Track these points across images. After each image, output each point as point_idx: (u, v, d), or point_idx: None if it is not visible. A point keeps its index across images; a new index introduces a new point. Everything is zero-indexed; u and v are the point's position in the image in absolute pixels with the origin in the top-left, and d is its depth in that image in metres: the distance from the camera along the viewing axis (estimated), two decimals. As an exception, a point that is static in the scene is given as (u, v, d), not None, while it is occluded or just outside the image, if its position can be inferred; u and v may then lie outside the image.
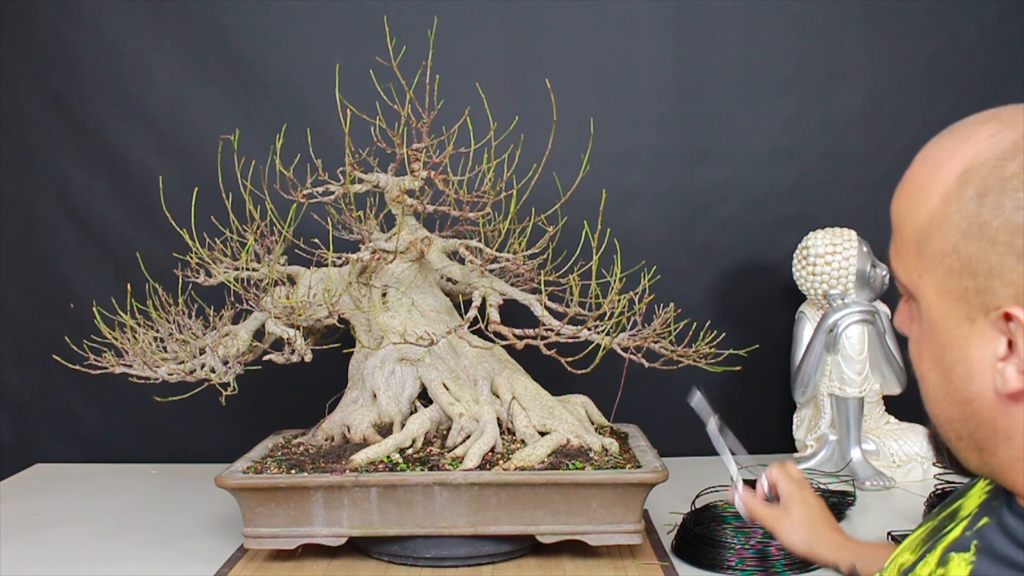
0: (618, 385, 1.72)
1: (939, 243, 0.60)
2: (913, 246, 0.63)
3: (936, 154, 0.63)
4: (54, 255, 2.27)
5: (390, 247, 1.66)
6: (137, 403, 2.05)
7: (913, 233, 0.63)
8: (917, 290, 0.63)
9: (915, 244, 0.63)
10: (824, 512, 1.13)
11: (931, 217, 0.61)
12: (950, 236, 0.60)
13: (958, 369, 0.61)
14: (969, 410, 0.61)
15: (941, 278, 0.61)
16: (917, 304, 0.65)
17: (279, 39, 2.21)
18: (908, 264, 0.64)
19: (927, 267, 0.62)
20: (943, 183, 0.61)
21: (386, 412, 1.62)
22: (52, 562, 1.59)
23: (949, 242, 0.60)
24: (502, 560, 1.53)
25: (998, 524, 0.62)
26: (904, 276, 0.64)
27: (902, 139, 2.24)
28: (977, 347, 0.59)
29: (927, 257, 0.62)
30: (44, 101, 2.24)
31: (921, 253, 0.62)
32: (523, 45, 2.22)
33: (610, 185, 1.75)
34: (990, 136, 0.59)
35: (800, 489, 1.14)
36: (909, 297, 0.66)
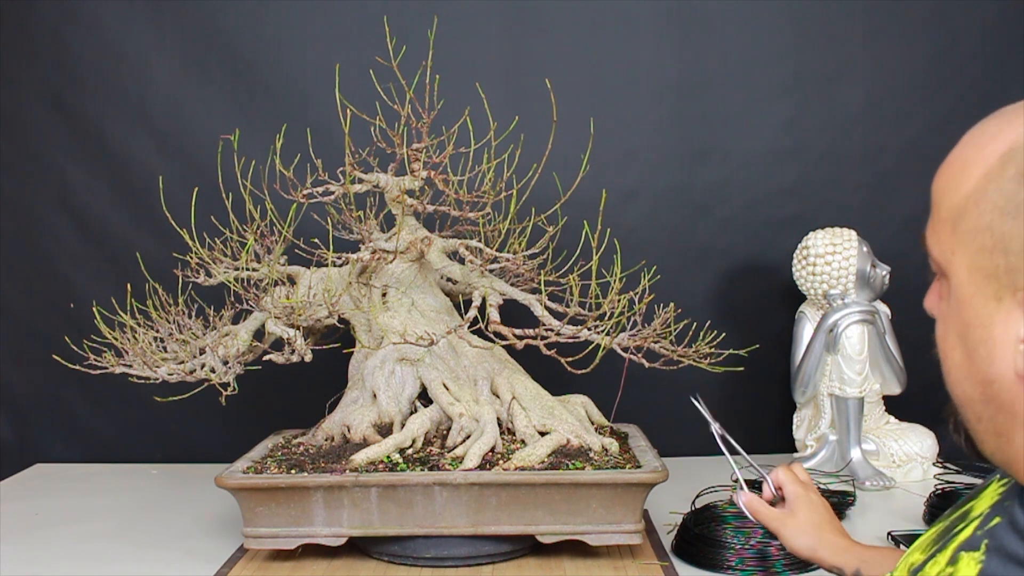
0: (618, 385, 1.72)
1: (975, 220, 0.61)
2: (949, 223, 0.63)
3: (980, 135, 0.63)
4: (54, 255, 2.27)
5: (390, 247, 1.66)
6: (137, 403, 2.05)
7: (951, 210, 0.63)
8: (949, 267, 0.63)
9: (951, 221, 0.63)
10: (829, 515, 1.12)
11: (970, 194, 0.61)
12: (986, 213, 0.60)
13: (981, 349, 0.61)
14: (990, 391, 0.61)
15: (973, 255, 0.61)
16: (948, 282, 0.65)
17: (279, 39, 2.21)
18: (943, 241, 0.64)
19: (961, 243, 0.62)
20: (985, 162, 0.61)
21: (386, 412, 1.62)
22: (52, 562, 1.59)
23: (985, 219, 0.60)
24: (502, 560, 1.52)
25: (1010, 523, 0.62)
26: (938, 253, 0.64)
27: (902, 139, 2.24)
28: (1002, 327, 0.59)
29: (962, 233, 0.62)
30: (44, 101, 2.24)
31: (956, 230, 0.62)
32: (523, 45, 2.23)
33: (610, 185, 1.75)
34: None
35: (806, 492, 1.14)
36: (941, 275, 0.66)
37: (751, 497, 1.16)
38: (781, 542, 1.12)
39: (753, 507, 1.15)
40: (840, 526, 1.12)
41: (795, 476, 1.16)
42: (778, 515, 1.12)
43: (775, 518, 1.12)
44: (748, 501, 1.15)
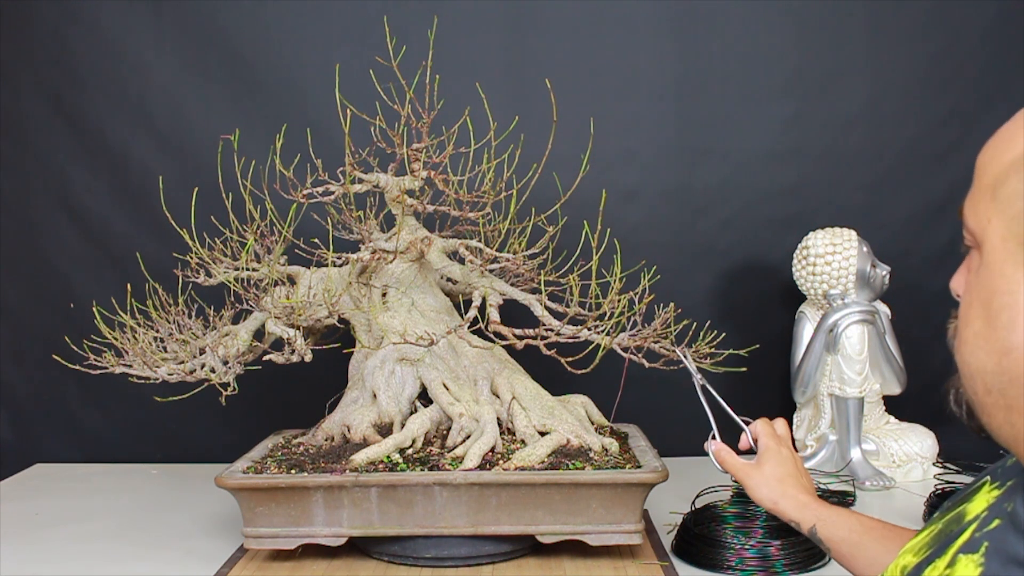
0: (618, 385, 1.72)
1: (1014, 185, 0.61)
2: (990, 190, 0.64)
3: None
4: (54, 255, 2.27)
5: (390, 247, 1.66)
6: (137, 403, 2.05)
7: (992, 177, 0.64)
8: (984, 234, 0.64)
9: (992, 188, 0.63)
10: (796, 471, 1.15)
11: (1012, 161, 0.62)
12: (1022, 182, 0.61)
13: (1004, 315, 0.61)
14: (1006, 362, 0.61)
15: (1009, 221, 0.62)
16: (979, 254, 0.65)
17: (279, 39, 2.21)
18: (980, 209, 0.64)
19: (998, 209, 0.63)
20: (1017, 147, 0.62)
21: (386, 412, 1.62)
22: (52, 562, 1.59)
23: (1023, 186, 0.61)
24: (502, 560, 1.52)
25: (1011, 524, 0.62)
26: (974, 222, 0.65)
27: (902, 139, 2.24)
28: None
29: (1000, 199, 0.63)
30: (44, 101, 2.24)
31: (996, 196, 0.63)
32: (523, 45, 2.23)
33: (610, 185, 1.75)
34: None
35: (778, 446, 1.17)
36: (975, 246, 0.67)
37: (720, 447, 1.21)
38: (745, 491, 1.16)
39: (721, 456, 1.20)
40: (805, 483, 1.15)
41: (771, 430, 1.20)
42: (744, 465, 1.16)
43: (740, 468, 1.17)
44: (717, 450, 1.20)
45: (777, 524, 1.55)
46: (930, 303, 2.24)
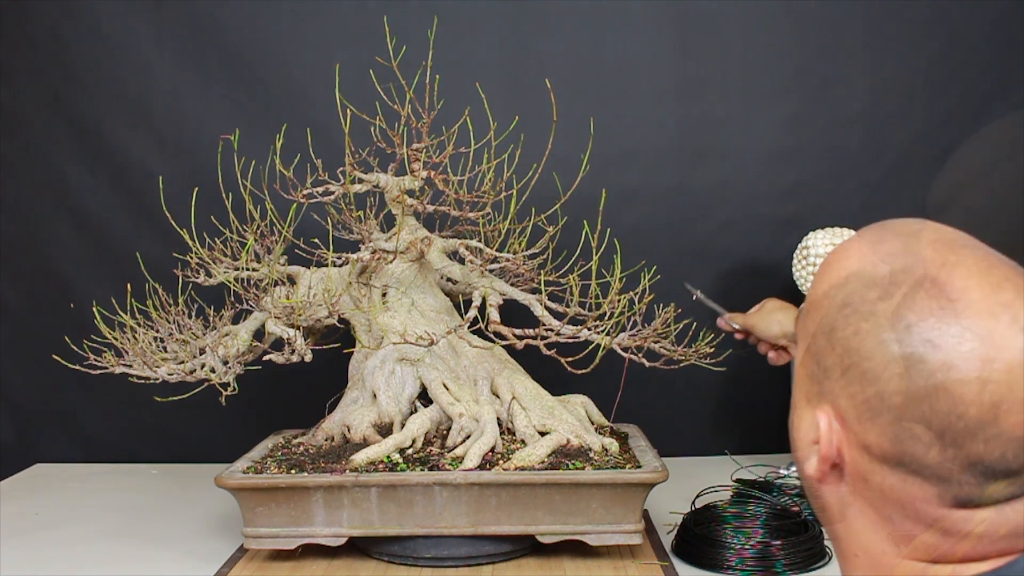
0: (618, 385, 1.72)
1: (811, 323, 0.66)
2: (805, 309, 0.68)
3: (850, 246, 0.67)
4: (54, 255, 2.27)
5: (390, 247, 1.66)
6: (137, 403, 2.05)
7: (809, 299, 0.68)
8: (798, 349, 0.69)
9: (806, 309, 0.68)
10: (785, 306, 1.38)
11: (817, 297, 0.66)
12: (815, 322, 0.65)
13: (795, 433, 0.68)
14: (802, 472, 0.67)
15: (805, 352, 0.67)
16: None
17: (279, 39, 2.21)
18: (799, 318, 0.70)
19: (802, 336, 0.68)
20: (835, 275, 0.65)
21: (386, 412, 1.62)
22: (52, 562, 1.59)
23: (815, 325, 0.65)
24: (502, 560, 1.52)
25: None
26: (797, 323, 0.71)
27: (902, 139, 2.24)
28: (806, 425, 0.65)
29: (805, 326, 0.67)
30: (44, 101, 2.24)
31: (805, 319, 0.68)
32: (523, 45, 2.22)
33: (610, 185, 1.75)
34: (886, 253, 0.63)
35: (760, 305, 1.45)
36: None
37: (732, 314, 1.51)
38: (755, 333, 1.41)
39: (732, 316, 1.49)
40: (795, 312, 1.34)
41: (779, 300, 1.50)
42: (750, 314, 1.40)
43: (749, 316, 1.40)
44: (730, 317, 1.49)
45: (777, 524, 1.55)
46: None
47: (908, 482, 0.59)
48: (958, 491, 0.58)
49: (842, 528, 0.65)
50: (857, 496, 0.63)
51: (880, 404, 0.59)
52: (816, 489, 0.66)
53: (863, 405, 0.60)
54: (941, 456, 0.57)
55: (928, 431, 0.57)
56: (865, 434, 0.60)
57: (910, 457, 0.58)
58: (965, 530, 0.59)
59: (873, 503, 0.62)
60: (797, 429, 0.67)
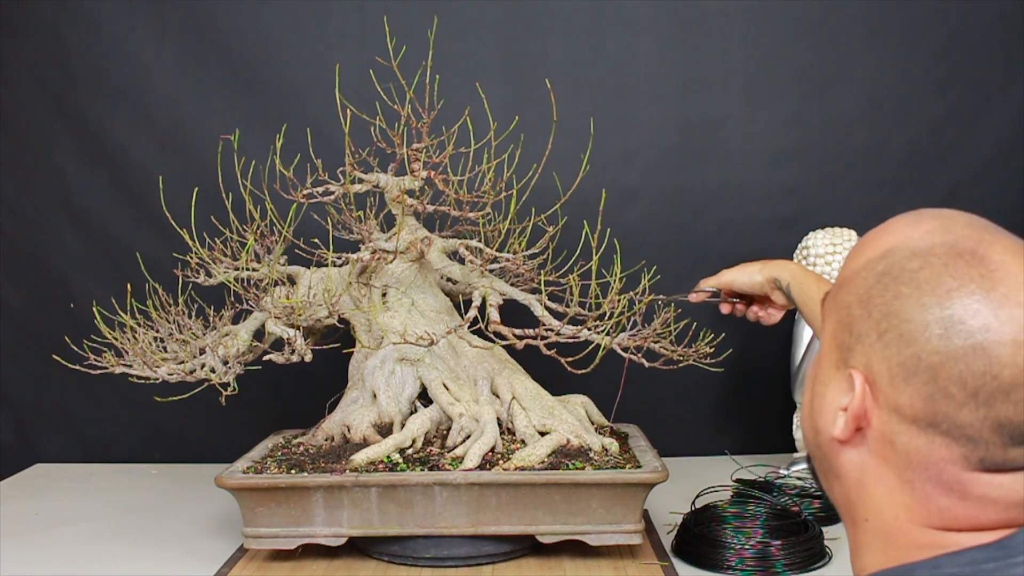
0: (618, 385, 1.72)
1: (845, 295, 0.68)
2: (838, 285, 0.71)
3: (888, 226, 0.70)
4: (54, 255, 2.27)
5: (390, 247, 1.66)
6: (137, 403, 2.05)
7: (842, 276, 0.71)
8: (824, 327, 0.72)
9: (839, 284, 0.71)
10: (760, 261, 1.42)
11: (852, 273, 0.69)
12: (852, 292, 0.67)
13: (817, 401, 0.70)
14: (819, 439, 0.70)
15: (835, 325, 0.69)
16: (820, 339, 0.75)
17: (279, 39, 2.21)
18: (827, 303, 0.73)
19: (833, 309, 0.70)
20: (872, 251, 0.68)
21: (386, 412, 1.62)
22: (52, 562, 1.59)
23: (850, 297, 0.68)
24: (502, 560, 1.52)
25: None
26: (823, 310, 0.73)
27: (902, 139, 2.24)
28: (832, 391, 0.68)
29: (837, 300, 0.70)
30: (44, 101, 2.24)
31: (836, 295, 0.70)
32: (523, 45, 2.22)
33: (610, 185, 1.75)
34: (924, 232, 0.66)
35: None
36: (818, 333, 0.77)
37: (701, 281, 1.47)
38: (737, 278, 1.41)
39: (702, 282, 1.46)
40: None
41: None
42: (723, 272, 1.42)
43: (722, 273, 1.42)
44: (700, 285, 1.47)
45: (777, 524, 1.55)
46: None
47: (936, 443, 0.62)
48: (984, 453, 0.60)
49: (855, 493, 0.68)
50: (878, 460, 0.65)
51: (917, 364, 0.61)
52: (834, 454, 0.68)
53: (898, 367, 0.62)
54: (972, 415, 0.60)
55: (963, 390, 0.60)
56: (898, 395, 0.62)
57: (942, 416, 0.61)
58: (983, 494, 0.61)
59: (896, 466, 0.64)
60: (821, 397, 0.69)
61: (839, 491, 0.70)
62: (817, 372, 0.71)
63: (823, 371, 0.70)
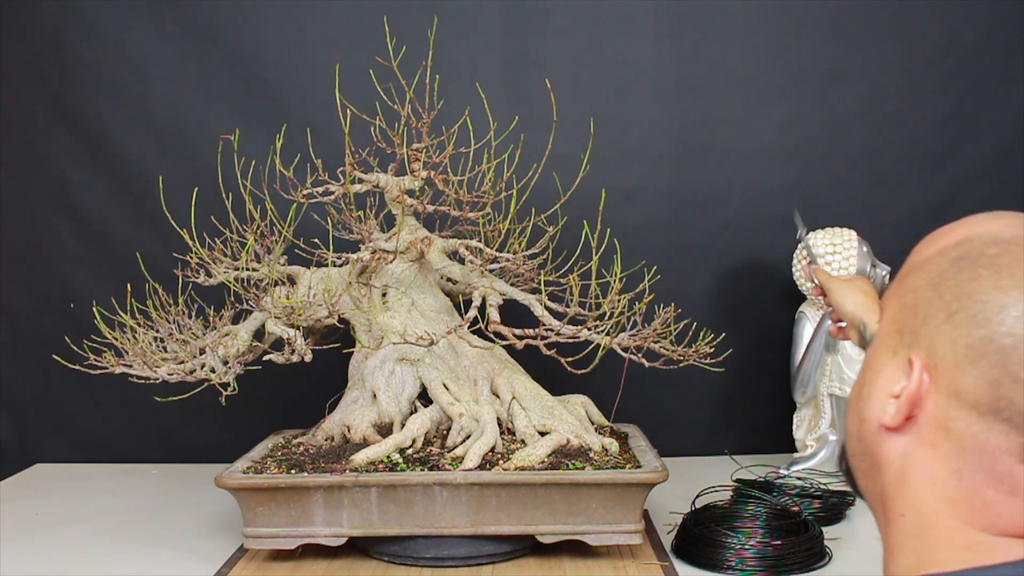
0: (618, 385, 1.72)
1: (914, 279, 0.67)
2: (902, 274, 0.69)
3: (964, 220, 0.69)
4: (54, 255, 2.27)
5: (390, 247, 1.66)
6: (137, 403, 2.05)
7: (908, 265, 0.70)
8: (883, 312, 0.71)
9: (903, 275, 0.69)
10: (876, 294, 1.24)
11: (923, 260, 0.68)
12: (923, 276, 0.66)
13: (867, 388, 0.68)
14: (863, 429, 0.68)
15: (898, 309, 0.67)
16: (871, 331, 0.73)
17: (279, 39, 2.21)
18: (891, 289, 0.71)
19: (896, 295, 0.69)
20: (947, 240, 0.67)
21: (386, 412, 1.62)
22: (52, 562, 1.59)
23: (919, 281, 0.66)
24: (502, 560, 1.52)
25: None
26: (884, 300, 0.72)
27: (902, 139, 2.24)
28: (885, 377, 0.66)
29: (902, 286, 0.68)
30: (44, 101, 2.24)
31: (900, 283, 0.69)
32: (523, 45, 2.22)
33: (610, 185, 1.75)
34: (1004, 224, 0.65)
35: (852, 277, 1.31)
36: None
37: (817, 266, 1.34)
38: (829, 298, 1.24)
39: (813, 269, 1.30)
40: None
41: None
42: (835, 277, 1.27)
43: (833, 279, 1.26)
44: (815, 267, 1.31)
45: (777, 524, 1.55)
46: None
47: (995, 430, 0.60)
48: None
49: (895, 487, 0.65)
50: (927, 448, 0.63)
51: (986, 346, 0.60)
52: (879, 443, 0.66)
53: (965, 348, 0.61)
54: None
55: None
56: (962, 379, 0.61)
57: (1007, 402, 0.59)
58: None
59: (945, 454, 0.62)
60: (872, 384, 0.67)
61: (877, 486, 0.68)
62: (870, 360, 0.69)
63: (876, 358, 0.68)
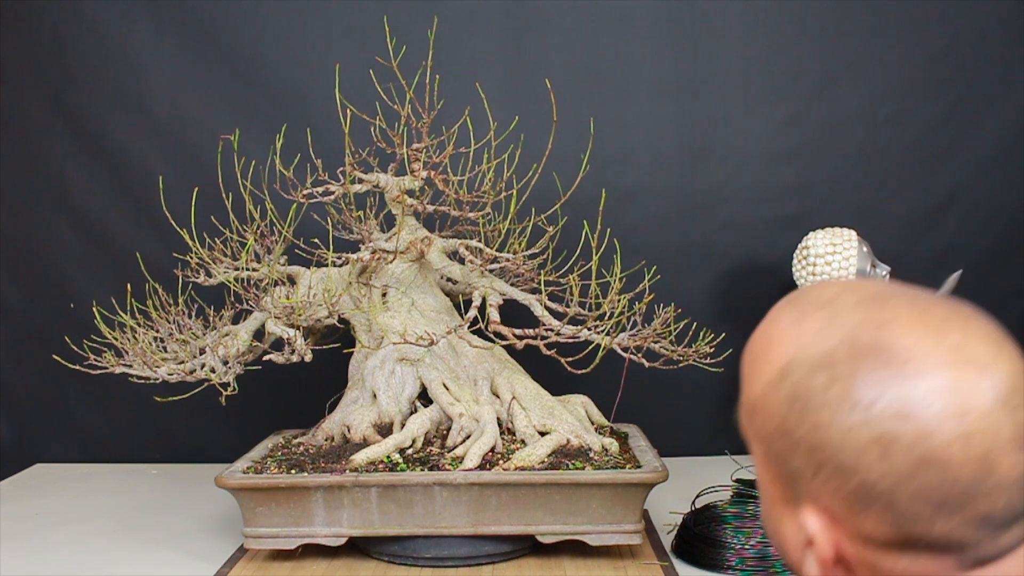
0: (618, 385, 1.72)
1: (761, 424, 0.60)
2: (748, 412, 0.63)
3: (773, 332, 0.62)
4: (54, 255, 2.27)
5: (390, 247, 1.66)
6: (137, 403, 2.05)
7: (747, 401, 0.63)
8: (751, 449, 0.64)
9: (749, 411, 0.63)
10: None
11: (758, 397, 0.61)
12: (768, 423, 0.60)
13: (777, 538, 0.63)
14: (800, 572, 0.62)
15: (763, 455, 0.62)
16: None
17: (279, 39, 2.21)
18: (744, 424, 0.64)
19: (754, 437, 0.62)
20: (769, 369, 0.60)
21: (386, 412, 1.62)
22: (52, 562, 1.59)
23: (767, 427, 0.60)
24: (502, 560, 1.52)
25: None
26: (744, 430, 0.65)
27: (902, 139, 2.24)
28: (789, 528, 0.61)
29: (755, 429, 0.62)
30: (44, 101, 2.24)
31: (751, 423, 0.62)
32: (523, 45, 2.22)
33: (610, 185, 1.75)
34: (815, 332, 0.58)
35: None
36: None
37: None
38: None
39: None
40: None
41: None
42: None
43: None
44: None
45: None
46: (930, 303, 2.24)
47: (921, 559, 0.55)
48: (974, 552, 0.55)
49: None
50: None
51: (868, 492, 0.54)
52: None
53: (850, 497, 0.55)
54: (947, 525, 0.54)
55: (928, 505, 0.53)
56: (862, 525, 0.56)
57: (916, 536, 0.54)
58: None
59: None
60: (781, 535, 0.62)
61: None
62: (766, 501, 0.63)
63: (772, 505, 0.62)
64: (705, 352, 1.65)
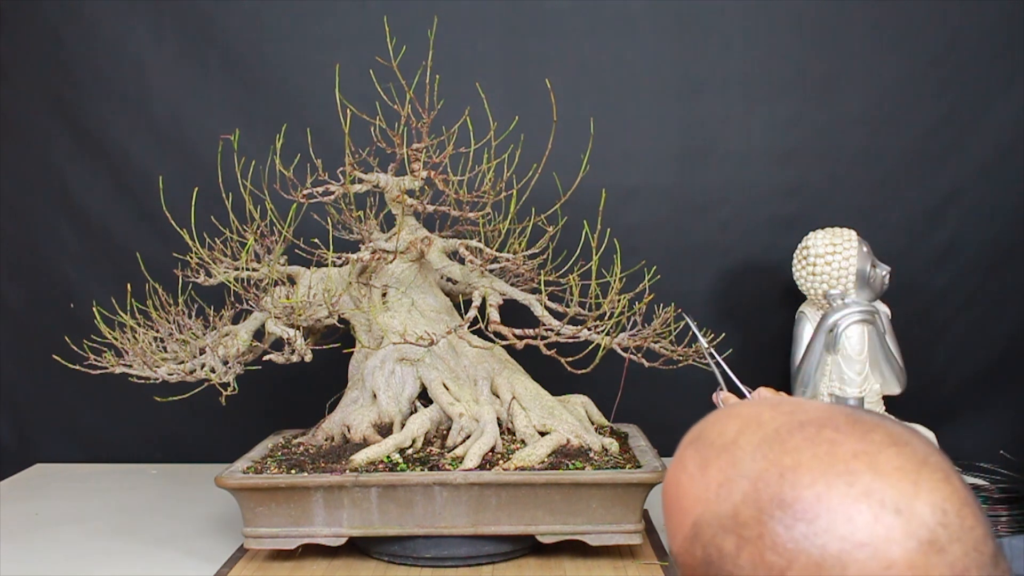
0: (618, 385, 1.72)
1: None
2: (673, 559, 0.60)
3: (682, 476, 0.59)
4: (54, 255, 2.27)
5: (390, 247, 1.66)
6: (137, 403, 2.05)
7: (672, 549, 0.61)
8: None
9: (674, 560, 0.60)
10: None
11: (677, 553, 0.59)
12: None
13: None
14: None
15: None
16: None
17: (279, 39, 2.21)
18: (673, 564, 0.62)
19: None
20: (682, 522, 0.58)
21: (386, 412, 1.62)
22: (52, 562, 1.59)
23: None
24: (502, 560, 1.52)
25: None
26: None
27: (902, 139, 2.24)
28: None
29: None
30: (44, 101, 2.24)
31: (678, 569, 0.60)
32: (523, 45, 2.22)
33: (610, 185, 1.75)
34: (718, 485, 0.56)
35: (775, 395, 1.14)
36: None
37: (727, 394, 1.18)
38: None
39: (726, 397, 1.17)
40: None
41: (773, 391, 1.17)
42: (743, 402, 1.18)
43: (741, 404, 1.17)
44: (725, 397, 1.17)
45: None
46: (930, 303, 2.24)
47: None
48: None
49: None
50: None
51: None
52: None
53: None
54: None
55: None
56: None
57: None
58: None
59: None
60: None
61: None
62: None
63: None
64: (705, 352, 1.65)
